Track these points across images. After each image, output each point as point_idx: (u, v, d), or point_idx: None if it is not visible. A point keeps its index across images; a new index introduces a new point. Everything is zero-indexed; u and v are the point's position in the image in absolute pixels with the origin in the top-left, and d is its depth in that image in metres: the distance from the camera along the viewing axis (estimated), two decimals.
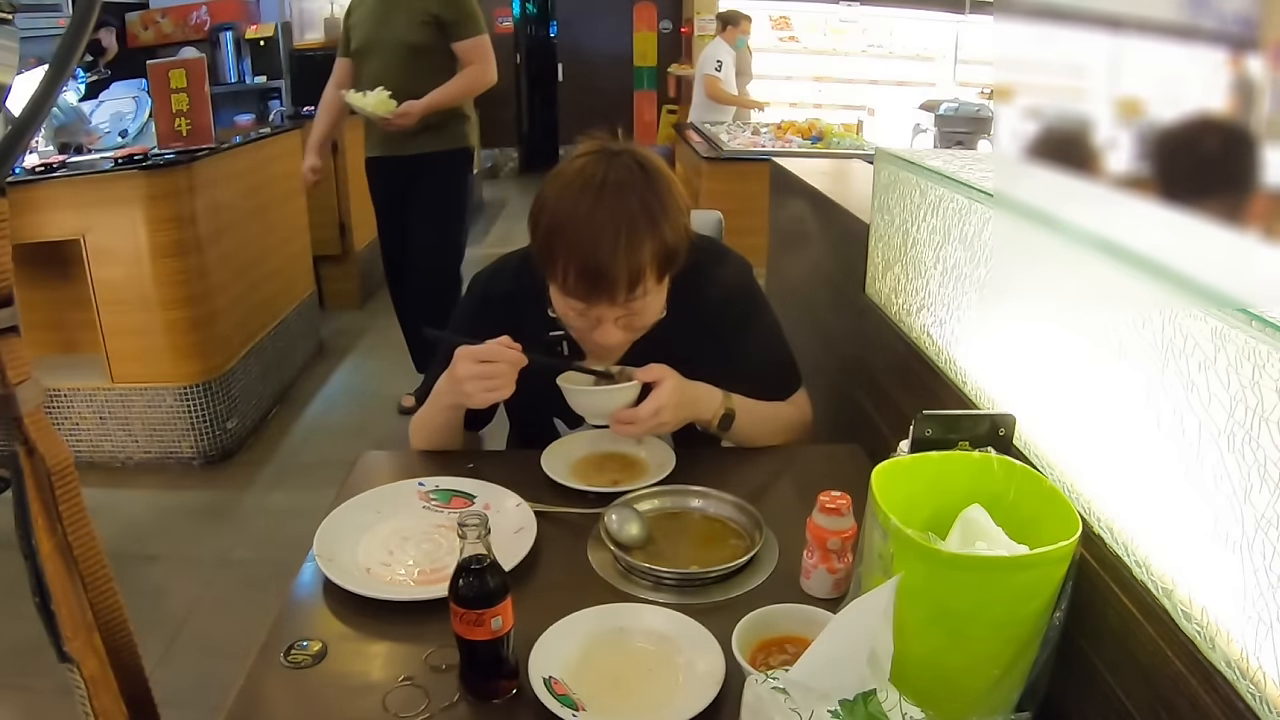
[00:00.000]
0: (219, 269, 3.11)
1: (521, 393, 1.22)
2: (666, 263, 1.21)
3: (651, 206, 1.17)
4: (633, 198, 1.16)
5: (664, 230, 1.18)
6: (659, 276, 1.21)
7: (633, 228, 1.15)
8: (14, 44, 0.62)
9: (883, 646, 0.69)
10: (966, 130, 6.40)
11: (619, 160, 1.19)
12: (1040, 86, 0.80)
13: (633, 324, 1.25)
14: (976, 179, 1.18)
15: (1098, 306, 0.84)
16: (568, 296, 1.21)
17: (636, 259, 1.16)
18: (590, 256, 1.15)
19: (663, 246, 1.18)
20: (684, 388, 1.26)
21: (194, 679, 2.02)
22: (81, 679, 0.68)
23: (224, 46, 4.79)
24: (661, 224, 1.17)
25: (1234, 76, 0.58)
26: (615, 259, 1.14)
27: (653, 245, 1.17)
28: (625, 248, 1.15)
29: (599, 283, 1.16)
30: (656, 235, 1.17)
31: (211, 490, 2.99)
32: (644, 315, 1.25)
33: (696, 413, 1.29)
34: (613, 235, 1.14)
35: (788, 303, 2.20)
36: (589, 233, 1.15)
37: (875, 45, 8.04)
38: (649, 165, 1.21)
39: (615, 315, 1.22)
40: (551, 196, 1.20)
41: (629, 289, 1.17)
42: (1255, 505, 0.64)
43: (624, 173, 1.18)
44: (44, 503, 0.66)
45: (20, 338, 0.64)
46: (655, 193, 1.18)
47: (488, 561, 0.85)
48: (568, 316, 1.26)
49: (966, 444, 0.90)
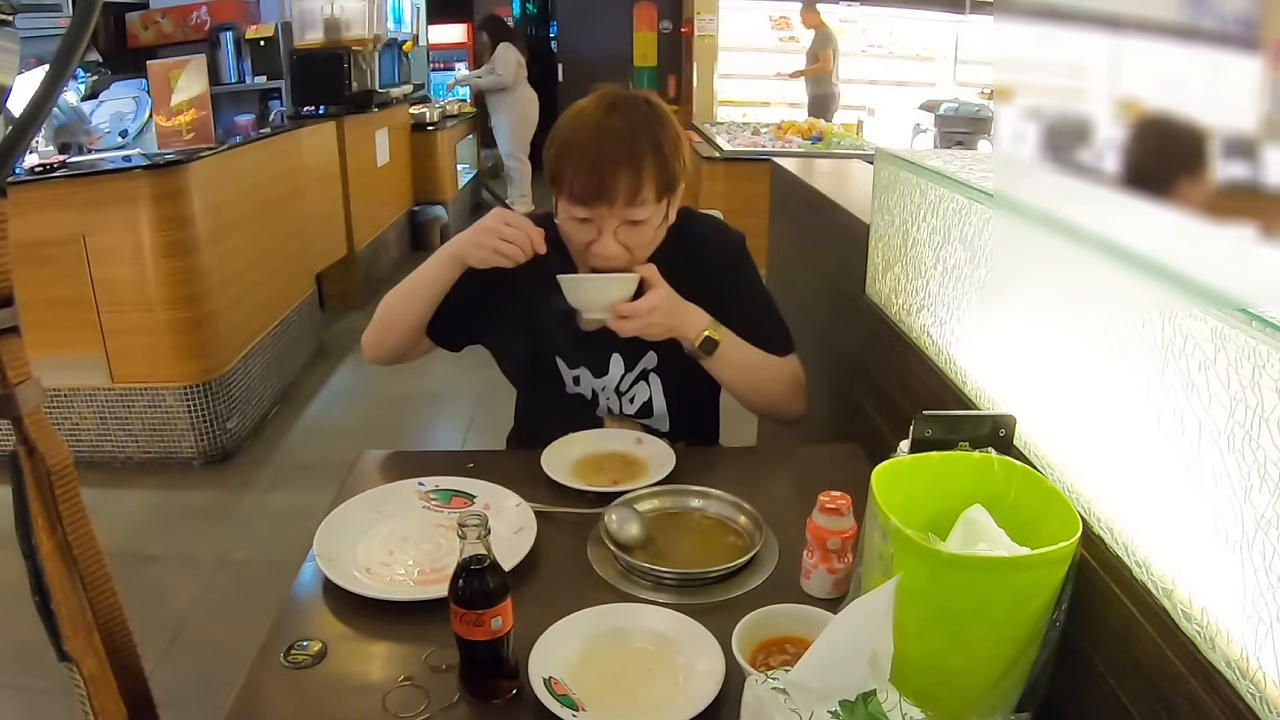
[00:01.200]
0: (219, 269, 3.11)
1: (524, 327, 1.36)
2: (664, 184, 1.30)
3: (654, 129, 1.29)
4: (636, 117, 1.29)
5: (664, 151, 1.29)
6: (657, 195, 1.30)
7: (634, 139, 1.27)
8: (14, 45, 0.62)
9: (883, 647, 0.69)
10: (966, 130, 6.40)
11: (632, 98, 1.32)
12: (1040, 86, 0.80)
13: (630, 240, 1.32)
14: (976, 179, 1.18)
15: (1098, 306, 0.84)
16: (572, 204, 1.29)
17: (636, 165, 1.26)
18: (594, 159, 1.26)
19: (661, 164, 1.28)
20: (675, 297, 1.33)
21: (194, 679, 2.02)
22: (81, 678, 0.68)
23: (224, 46, 4.79)
24: (662, 144, 1.29)
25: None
26: (617, 169, 1.26)
27: (652, 159, 1.27)
28: (627, 154, 1.26)
29: (600, 189, 1.26)
30: (657, 153, 1.28)
31: (211, 490, 2.99)
32: (641, 234, 1.32)
33: (684, 324, 1.34)
34: (615, 142, 1.26)
35: (788, 303, 2.19)
36: (595, 139, 1.27)
37: (875, 45, 8.05)
38: (656, 104, 1.34)
39: (614, 225, 1.30)
40: (565, 121, 1.33)
41: (628, 196, 1.27)
42: (1255, 505, 0.64)
43: (632, 103, 1.31)
44: (44, 502, 0.67)
45: (20, 338, 0.65)
46: (659, 122, 1.31)
47: (488, 562, 0.85)
48: (570, 231, 1.34)
49: (967, 444, 0.90)
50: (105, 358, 2.96)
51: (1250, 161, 0.60)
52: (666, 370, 1.45)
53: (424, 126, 6.11)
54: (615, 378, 1.46)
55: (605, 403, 1.48)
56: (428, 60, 7.69)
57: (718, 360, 1.37)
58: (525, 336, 1.46)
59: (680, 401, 1.48)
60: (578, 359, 1.46)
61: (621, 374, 1.45)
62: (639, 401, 1.47)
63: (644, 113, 1.30)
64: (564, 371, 1.47)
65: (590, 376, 1.46)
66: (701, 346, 1.35)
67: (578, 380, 1.47)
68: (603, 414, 1.48)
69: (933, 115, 6.69)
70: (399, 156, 5.71)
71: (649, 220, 1.31)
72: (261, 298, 3.51)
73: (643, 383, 1.46)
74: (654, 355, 1.44)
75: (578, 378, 1.47)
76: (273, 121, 4.29)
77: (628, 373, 1.45)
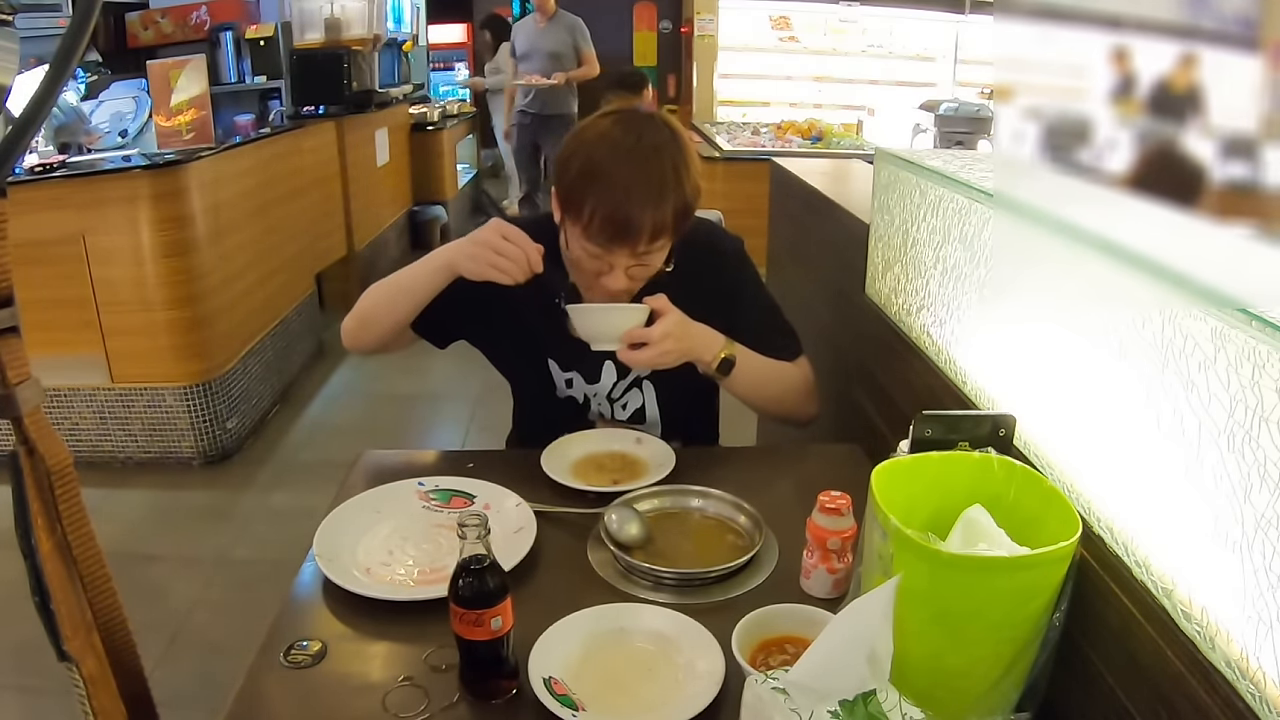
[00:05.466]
0: (219, 269, 3.11)
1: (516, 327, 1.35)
2: (684, 219, 1.28)
3: (679, 167, 1.26)
4: (665, 159, 1.25)
5: (686, 189, 1.26)
6: (674, 233, 1.29)
7: (663, 186, 1.23)
8: (14, 45, 0.62)
9: (882, 647, 0.68)
10: (966, 130, 6.39)
11: (652, 122, 1.28)
12: (1040, 86, 0.80)
13: (639, 274, 1.31)
14: (976, 179, 1.18)
15: (1098, 306, 0.84)
16: (589, 241, 1.26)
17: (662, 215, 1.24)
18: (621, 207, 1.22)
19: (684, 204, 1.26)
20: (687, 322, 1.31)
21: (194, 679, 2.02)
22: (80, 678, 0.68)
23: (224, 46, 4.78)
24: (685, 184, 1.26)
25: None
26: (644, 213, 1.22)
27: (675, 203, 1.25)
28: (654, 203, 1.23)
29: (624, 232, 1.23)
30: (680, 194, 1.25)
31: (211, 490, 2.99)
32: (651, 266, 1.31)
33: (699, 348, 1.32)
34: (644, 190, 1.22)
35: (788, 303, 2.19)
36: (623, 185, 1.22)
37: (875, 45, 8.03)
38: (676, 129, 1.31)
39: (628, 264, 1.28)
40: (587, 143, 1.27)
41: (650, 241, 1.25)
42: (1255, 505, 0.64)
43: (657, 135, 1.26)
44: (43, 502, 0.67)
45: (20, 338, 0.65)
46: (683, 155, 1.28)
47: (488, 562, 0.85)
48: (580, 259, 1.31)
49: (967, 444, 0.90)
50: (105, 358, 2.96)
51: (1250, 161, 0.60)
52: (660, 378, 1.44)
53: (424, 126, 6.11)
54: (608, 385, 1.45)
55: (597, 408, 1.47)
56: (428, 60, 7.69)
57: (735, 378, 1.35)
58: (516, 337, 1.44)
59: (673, 408, 1.47)
60: (570, 363, 1.44)
61: (614, 381, 1.45)
62: (631, 409, 1.46)
63: (670, 150, 1.26)
64: (556, 375, 1.46)
65: (583, 382, 1.45)
66: (719, 369, 1.33)
67: (570, 384, 1.46)
68: (594, 419, 1.48)
69: (933, 115, 6.68)
70: (399, 156, 5.71)
71: (661, 252, 1.30)
72: (261, 298, 3.51)
73: (635, 390, 1.45)
74: None
75: (570, 381, 1.46)
76: (272, 121, 4.28)
77: (620, 380, 1.45)
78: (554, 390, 1.46)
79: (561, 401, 1.47)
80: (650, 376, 1.44)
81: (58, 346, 2.94)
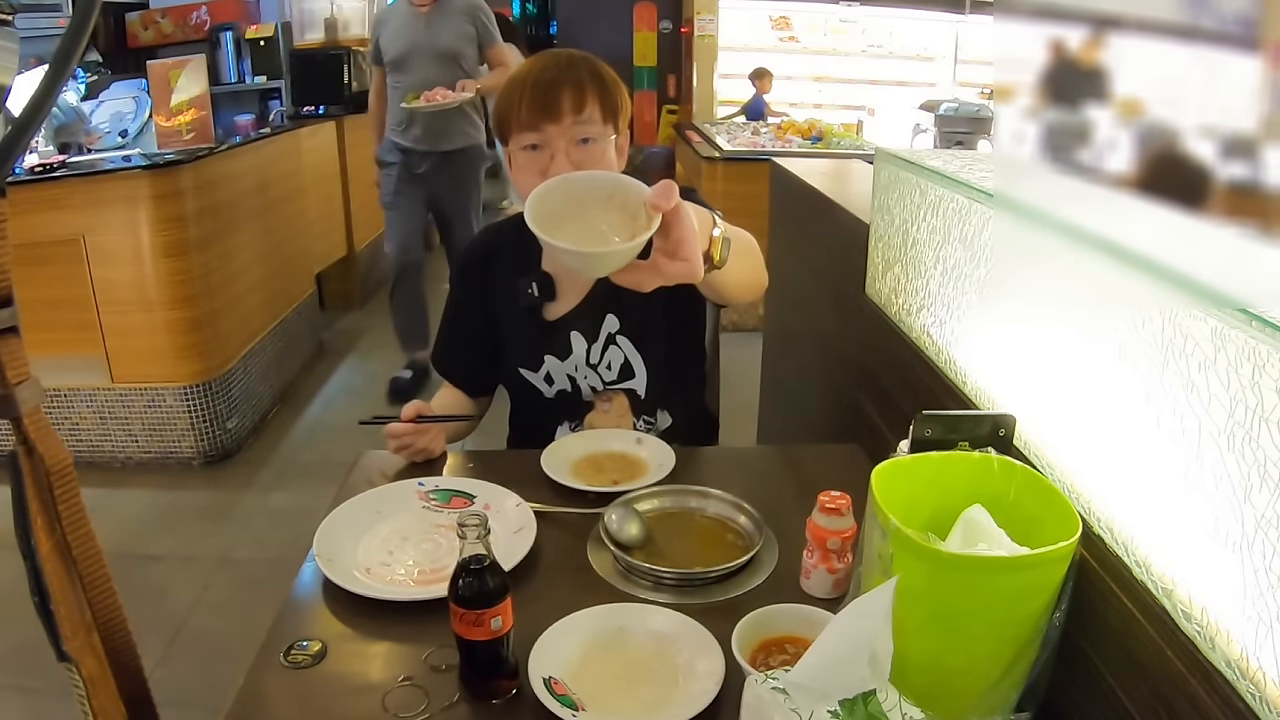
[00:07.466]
0: (219, 269, 3.11)
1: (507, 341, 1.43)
2: (608, 107, 1.32)
3: (591, 63, 1.34)
4: (574, 55, 1.34)
5: (604, 79, 1.32)
6: (603, 115, 1.31)
7: (573, 67, 1.31)
8: (14, 45, 0.62)
9: (882, 647, 0.68)
10: (966, 130, 6.40)
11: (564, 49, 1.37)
12: (1040, 86, 0.80)
13: (583, 161, 1.30)
14: (976, 179, 1.18)
15: (1098, 306, 0.84)
16: (521, 132, 1.30)
17: (578, 85, 1.29)
18: (534, 83, 1.29)
19: (603, 87, 1.32)
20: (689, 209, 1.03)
21: (194, 679, 2.02)
22: (80, 678, 0.68)
23: (224, 46, 4.78)
24: (601, 73, 1.33)
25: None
26: (558, 84, 1.29)
27: (593, 82, 1.31)
28: (568, 77, 1.29)
29: (545, 102, 1.28)
30: (596, 78, 1.31)
31: (211, 490, 2.99)
32: (591, 156, 1.31)
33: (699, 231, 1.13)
34: (554, 69, 1.30)
35: (788, 303, 2.20)
36: (539, 69, 1.31)
37: (875, 45, 8.03)
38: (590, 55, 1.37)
39: (564, 145, 1.29)
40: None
41: (574, 109, 1.28)
42: (1255, 505, 0.64)
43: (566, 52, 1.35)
44: (43, 503, 0.67)
45: (20, 338, 0.65)
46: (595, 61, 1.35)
47: (488, 561, 0.85)
48: (525, 165, 1.32)
49: (967, 444, 0.90)
50: (105, 358, 2.96)
51: (1250, 161, 0.60)
52: (631, 329, 1.43)
53: None
54: (581, 354, 1.44)
55: (585, 383, 1.46)
56: None
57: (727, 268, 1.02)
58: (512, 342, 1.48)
59: (656, 357, 1.45)
60: (537, 355, 1.45)
61: (586, 347, 1.44)
62: (616, 367, 1.45)
63: (581, 55, 1.35)
64: (532, 379, 1.47)
65: (557, 362, 1.45)
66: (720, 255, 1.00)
67: (550, 379, 1.46)
68: (589, 396, 1.47)
69: (933, 115, 6.69)
70: None
71: (598, 140, 1.31)
72: (261, 298, 3.51)
73: (613, 347, 1.44)
74: (614, 319, 1.42)
75: (548, 375, 1.46)
76: (273, 121, 4.28)
77: (593, 344, 1.44)
78: (541, 395, 1.48)
79: (553, 401, 1.47)
80: (622, 330, 1.43)
81: (58, 346, 2.94)
